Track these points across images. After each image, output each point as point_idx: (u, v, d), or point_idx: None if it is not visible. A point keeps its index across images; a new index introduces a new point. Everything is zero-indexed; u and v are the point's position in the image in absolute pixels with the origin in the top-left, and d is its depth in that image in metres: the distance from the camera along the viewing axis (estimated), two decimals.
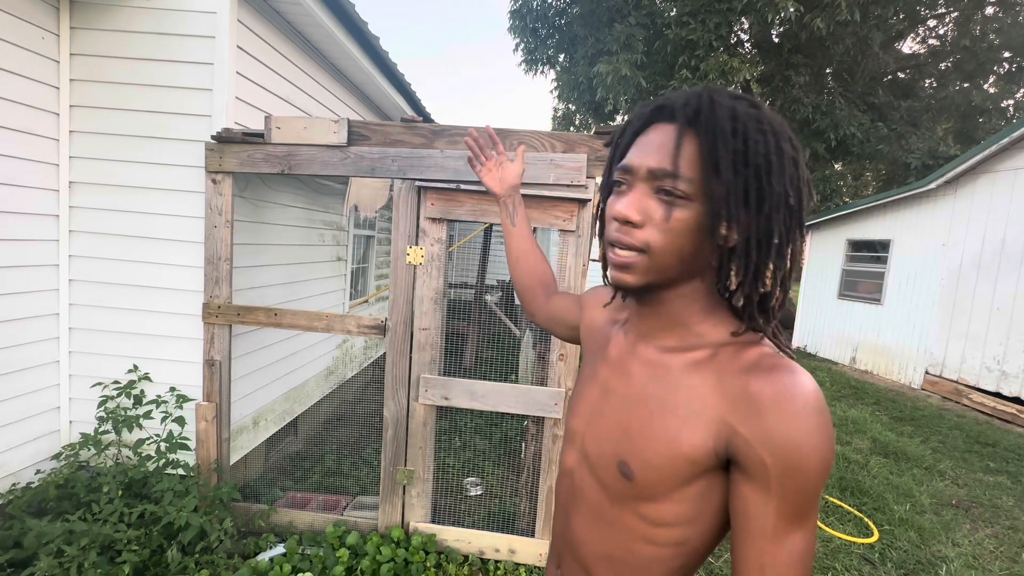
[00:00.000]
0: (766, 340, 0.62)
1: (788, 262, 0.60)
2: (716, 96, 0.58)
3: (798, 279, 9.67)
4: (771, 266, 0.59)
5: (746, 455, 0.55)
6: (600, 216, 0.71)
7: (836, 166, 11.31)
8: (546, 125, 18.20)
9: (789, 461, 0.52)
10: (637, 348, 0.69)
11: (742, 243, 0.58)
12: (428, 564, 2.29)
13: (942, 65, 11.51)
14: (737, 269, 0.60)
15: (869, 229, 7.58)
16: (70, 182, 2.49)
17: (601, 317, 0.82)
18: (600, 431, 0.69)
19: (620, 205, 0.60)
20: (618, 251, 0.61)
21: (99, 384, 2.49)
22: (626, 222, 0.60)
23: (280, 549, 2.33)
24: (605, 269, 0.70)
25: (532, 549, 2.39)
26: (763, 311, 0.61)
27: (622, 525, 0.65)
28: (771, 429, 0.53)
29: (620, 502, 0.65)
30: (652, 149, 0.59)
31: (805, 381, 0.54)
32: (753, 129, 0.56)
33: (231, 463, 2.62)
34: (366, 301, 5.05)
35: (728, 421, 0.56)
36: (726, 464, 0.58)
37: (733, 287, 0.62)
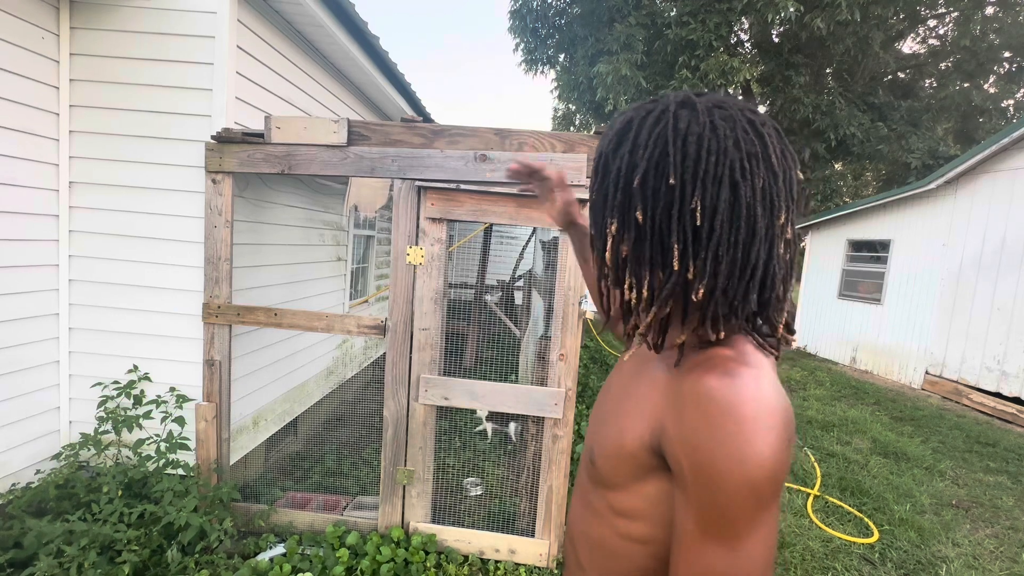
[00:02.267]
0: (744, 342, 0.57)
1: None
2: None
3: (798, 278, 9.66)
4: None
5: (669, 453, 0.55)
6: None
7: (836, 166, 11.32)
8: (546, 125, 18.19)
9: (700, 466, 0.50)
10: (639, 348, 0.72)
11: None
12: (428, 564, 2.29)
13: (942, 65, 11.51)
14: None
15: (869, 229, 7.57)
16: (70, 182, 2.49)
17: None
18: (593, 420, 0.75)
19: None
20: None
21: (99, 384, 2.49)
22: None
23: (280, 549, 2.33)
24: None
25: (532, 549, 2.39)
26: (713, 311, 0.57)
27: (596, 509, 0.69)
28: (687, 428, 0.52)
29: (594, 486, 0.69)
30: None
31: (741, 385, 0.50)
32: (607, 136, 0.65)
33: (231, 463, 2.62)
34: (366, 301, 5.05)
35: (661, 418, 0.57)
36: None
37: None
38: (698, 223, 0.53)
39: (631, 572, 0.65)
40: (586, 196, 2.21)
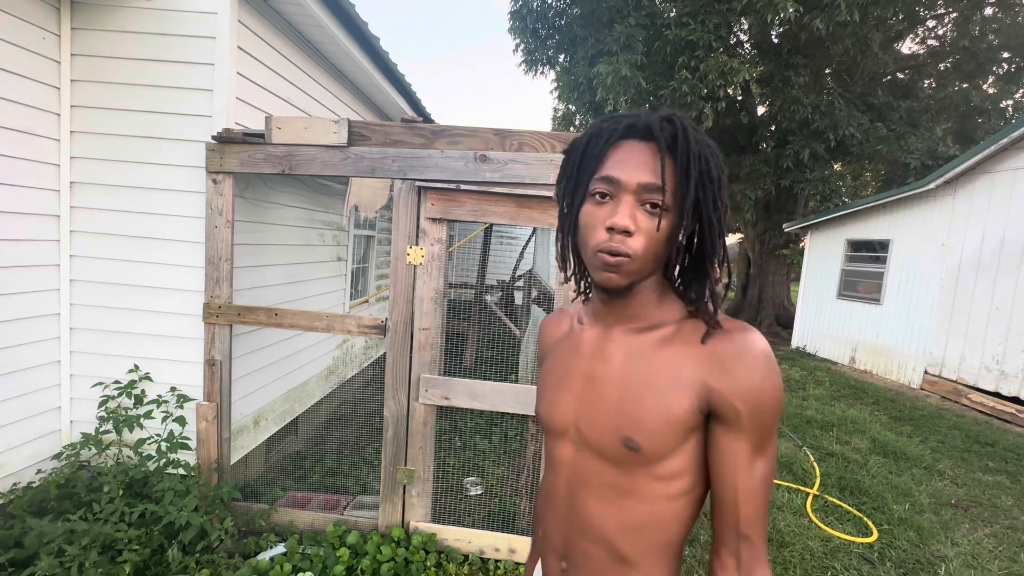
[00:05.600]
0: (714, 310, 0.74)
1: (725, 251, 0.73)
2: (685, 122, 0.68)
3: (797, 277, 9.67)
4: (717, 257, 0.72)
5: (722, 406, 0.67)
6: (571, 222, 0.74)
7: (835, 166, 11.32)
8: (546, 125, 18.19)
9: (756, 404, 0.65)
10: (610, 335, 0.78)
11: (699, 241, 0.72)
12: (428, 563, 2.29)
13: (941, 65, 11.51)
14: (690, 260, 0.74)
15: (868, 229, 7.58)
16: (71, 182, 2.50)
17: (558, 334, 0.90)
18: (597, 415, 0.74)
19: (619, 217, 0.66)
20: (612, 256, 0.68)
21: (100, 384, 2.49)
22: (624, 231, 0.66)
23: (280, 548, 2.33)
24: (567, 271, 0.80)
25: None
26: (710, 290, 0.74)
27: (638, 490, 0.72)
28: (739, 381, 0.66)
29: (633, 472, 0.72)
30: (638, 166, 0.67)
31: (756, 337, 0.68)
32: (708, 153, 0.68)
33: (232, 463, 2.63)
34: (366, 301, 5.05)
35: (705, 381, 0.68)
36: (706, 418, 0.70)
37: (686, 275, 0.75)
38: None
39: (679, 530, 0.73)
40: None
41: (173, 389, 2.56)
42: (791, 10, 7.63)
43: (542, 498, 0.85)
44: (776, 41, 10.49)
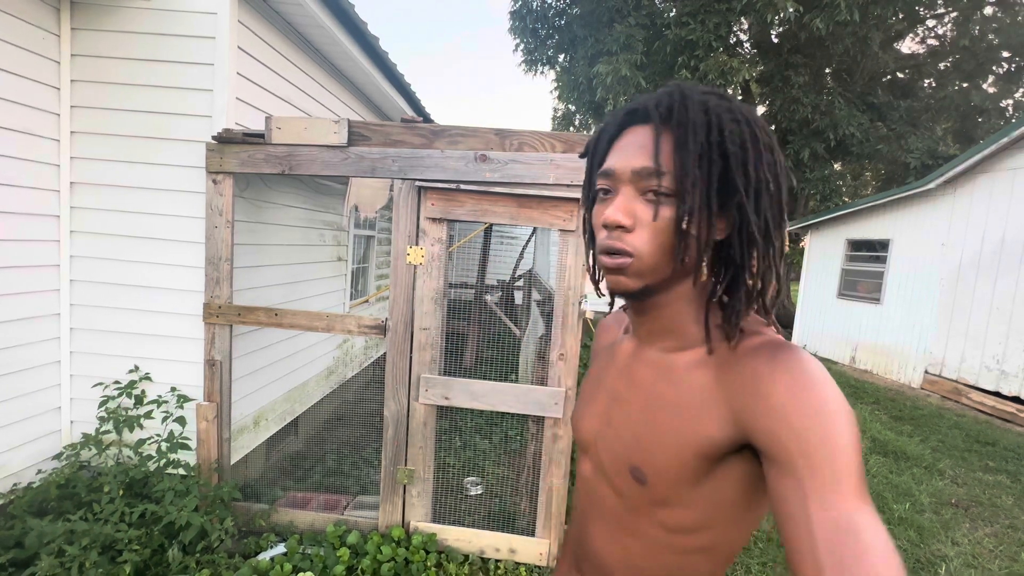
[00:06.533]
0: (762, 328, 0.60)
1: (779, 246, 0.57)
2: (687, 91, 0.57)
3: (797, 277, 9.67)
4: (755, 253, 0.57)
5: (769, 440, 0.50)
6: (588, 226, 0.69)
7: (836, 166, 11.32)
8: (546, 125, 18.20)
9: (806, 430, 0.47)
10: (641, 352, 0.68)
11: (734, 234, 0.58)
12: (428, 563, 2.29)
13: (941, 65, 11.52)
14: (730, 260, 0.59)
15: (869, 229, 7.58)
16: (71, 183, 2.50)
17: (608, 339, 0.83)
18: (612, 437, 0.68)
19: (609, 211, 0.58)
20: (612, 257, 0.59)
21: (100, 384, 2.49)
22: (617, 227, 0.58)
23: (281, 548, 2.33)
24: (595, 281, 0.70)
25: (532, 548, 2.39)
26: (761, 301, 0.60)
27: (642, 534, 0.63)
28: (774, 402, 0.50)
29: (637, 509, 0.63)
30: (632, 151, 0.58)
31: (802, 355, 0.52)
32: (727, 119, 0.55)
33: (232, 463, 2.62)
34: (366, 301, 5.05)
35: (736, 409, 0.54)
36: (733, 455, 0.56)
37: (728, 279, 0.60)
38: None
39: None
40: (577, 195, 2.21)
41: (173, 389, 2.56)
42: (791, 10, 7.64)
43: (575, 503, 0.82)
44: (776, 41, 10.50)
